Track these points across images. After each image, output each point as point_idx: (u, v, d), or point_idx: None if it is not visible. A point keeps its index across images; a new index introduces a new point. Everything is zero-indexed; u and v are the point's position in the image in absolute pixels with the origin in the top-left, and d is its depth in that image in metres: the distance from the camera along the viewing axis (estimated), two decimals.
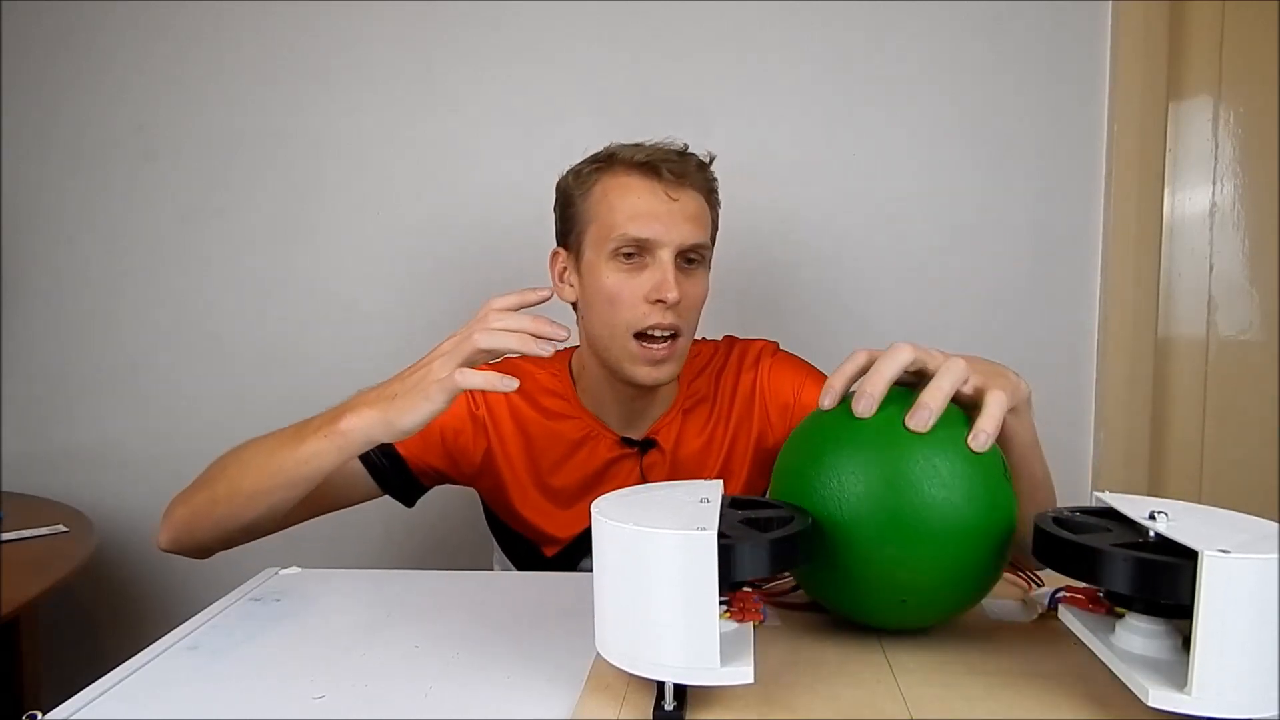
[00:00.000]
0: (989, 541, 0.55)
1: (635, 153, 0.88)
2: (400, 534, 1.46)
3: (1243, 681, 0.43)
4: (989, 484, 0.56)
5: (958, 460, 0.55)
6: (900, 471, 0.55)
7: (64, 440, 1.49)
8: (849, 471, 0.56)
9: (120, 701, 0.53)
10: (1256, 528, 0.49)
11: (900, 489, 0.54)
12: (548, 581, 0.75)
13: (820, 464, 0.57)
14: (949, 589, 0.56)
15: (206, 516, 0.79)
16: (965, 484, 0.55)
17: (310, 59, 1.43)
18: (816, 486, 0.56)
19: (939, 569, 0.55)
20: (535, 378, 0.96)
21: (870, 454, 0.56)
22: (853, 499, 0.55)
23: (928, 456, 0.55)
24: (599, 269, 0.88)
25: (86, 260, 1.47)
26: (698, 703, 0.50)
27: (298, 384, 1.45)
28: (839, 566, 0.55)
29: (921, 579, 0.55)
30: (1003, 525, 0.56)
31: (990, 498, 0.56)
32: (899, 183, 1.39)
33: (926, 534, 0.54)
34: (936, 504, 0.54)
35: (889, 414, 0.58)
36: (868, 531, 0.54)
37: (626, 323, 0.86)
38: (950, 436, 0.57)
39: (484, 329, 0.68)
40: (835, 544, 0.55)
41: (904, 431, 0.56)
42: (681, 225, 0.86)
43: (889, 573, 0.55)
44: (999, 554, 0.57)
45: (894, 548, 0.54)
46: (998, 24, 1.36)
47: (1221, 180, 1.39)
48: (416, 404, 0.68)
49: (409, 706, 0.52)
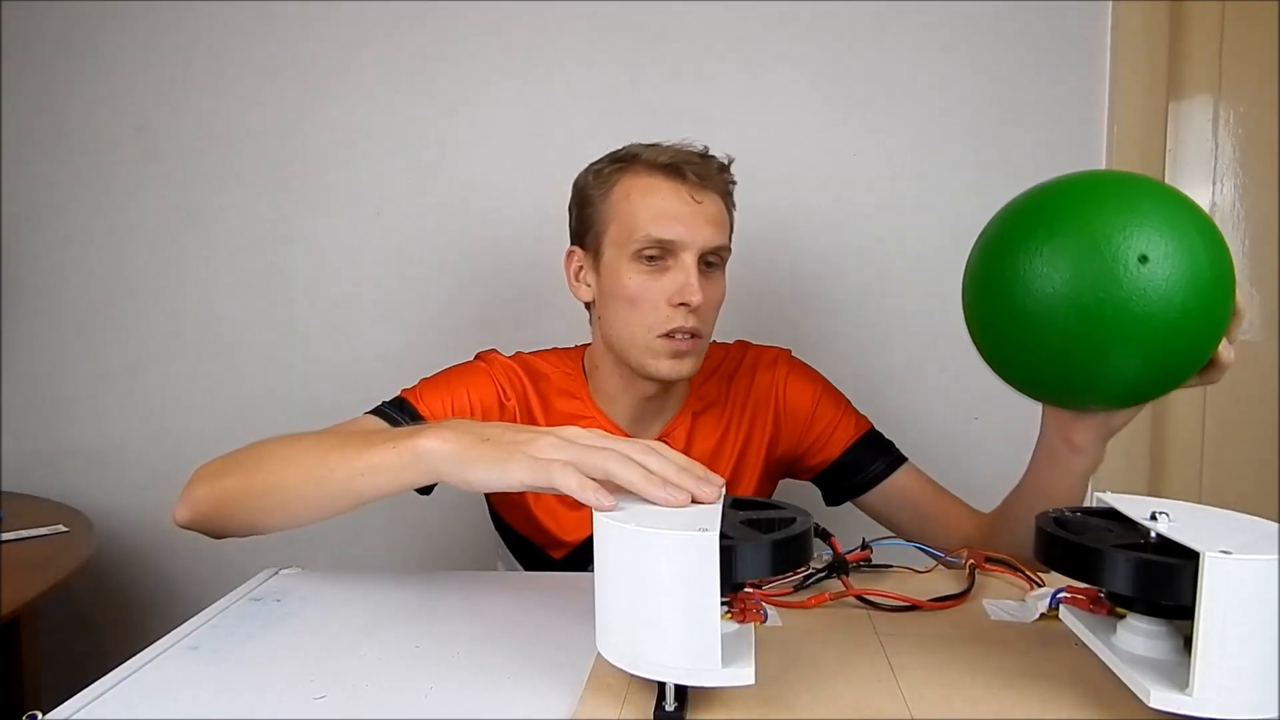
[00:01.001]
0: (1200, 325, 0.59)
1: (658, 154, 0.87)
2: (402, 534, 1.46)
3: (1244, 682, 0.43)
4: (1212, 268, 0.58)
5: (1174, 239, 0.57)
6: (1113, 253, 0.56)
7: (64, 440, 1.49)
8: (1046, 258, 0.58)
9: (120, 701, 0.53)
10: (1257, 528, 0.49)
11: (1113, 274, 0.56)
12: (548, 581, 0.75)
13: (1018, 250, 0.60)
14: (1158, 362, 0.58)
15: (236, 506, 0.73)
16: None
17: (310, 59, 1.43)
18: (1023, 268, 0.59)
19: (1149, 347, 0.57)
20: (550, 378, 0.96)
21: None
22: (1050, 287, 0.57)
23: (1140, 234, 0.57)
24: (620, 270, 0.87)
25: (86, 260, 1.47)
26: (698, 703, 0.50)
27: (298, 384, 1.45)
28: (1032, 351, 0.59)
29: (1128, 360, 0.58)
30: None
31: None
32: (899, 183, 1.39)
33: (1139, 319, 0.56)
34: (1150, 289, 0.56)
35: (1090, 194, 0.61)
36: (1060, 323, 0.57)
37: (648, 325, 0.86)
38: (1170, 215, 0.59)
39: (623, 459, 0.55)
40: (1029, 332, 0.59)
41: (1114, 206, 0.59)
42: (705, 228, 0.86)
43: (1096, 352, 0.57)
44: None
45: (1095, 336, 0.57)
46: (998, 24, 1.36)
47: (1221, 180, 1.39)
48: (497, 464, 0.58)
49: (409, 706, 0.52)
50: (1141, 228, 0.56)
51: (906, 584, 0.71)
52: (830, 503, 1.01)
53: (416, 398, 0.89)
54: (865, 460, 0.97)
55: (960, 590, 0.69)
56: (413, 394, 0.90)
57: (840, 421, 0.98)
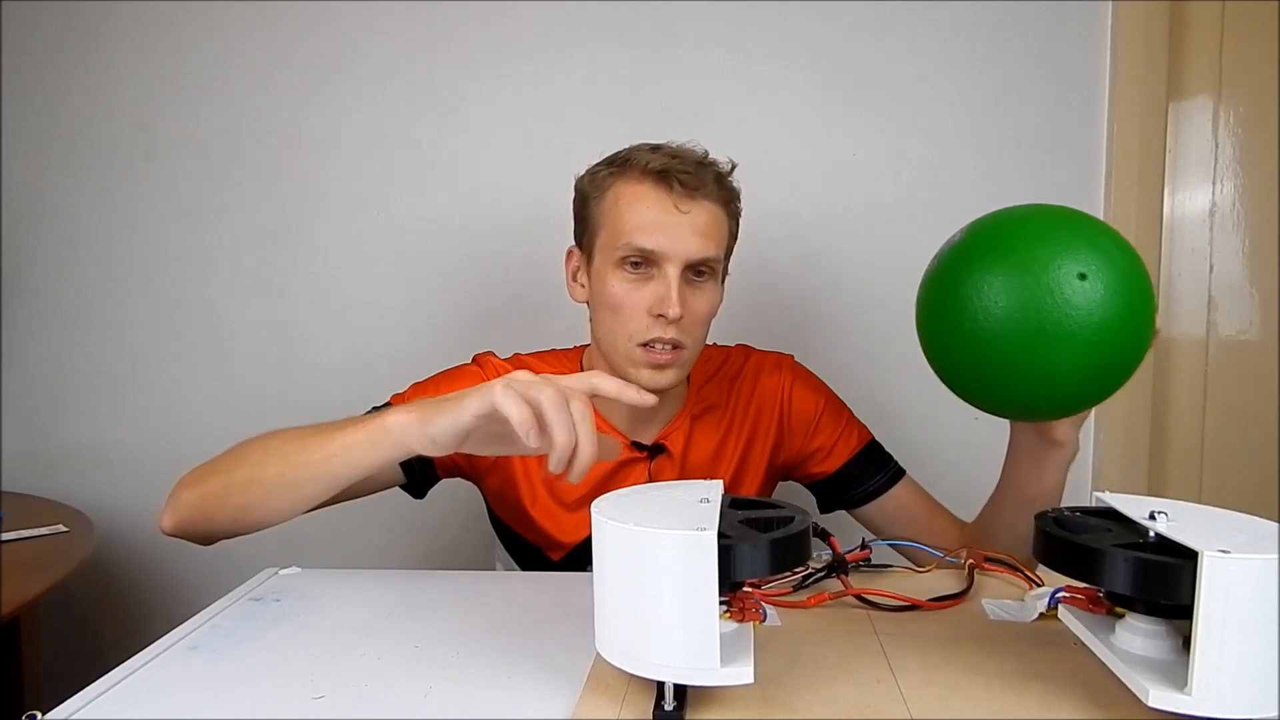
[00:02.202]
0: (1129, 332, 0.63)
1: (651, 159, 0.86)
2: (402, 535, 1.46)
3: (1243, 682, 0.43)
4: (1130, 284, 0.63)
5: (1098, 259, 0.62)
6: (1042, 280, 0.61)
7: (64, 440, 1.49)
8: (993, 284, 0.63)
9: (120, 701, 0.53)
10: (1256, 528, 0.49)
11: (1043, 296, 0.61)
12: (548, 581, 0.75)
13: (966, 280, 0.65)
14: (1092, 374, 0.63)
15: (220, 504, 0.75)
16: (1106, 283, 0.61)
17: (311, 59, 1.43)
18: (962, 301, 0.65)
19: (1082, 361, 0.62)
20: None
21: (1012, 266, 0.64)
22: (999, 310, 0.62)
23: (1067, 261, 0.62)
24: (606, 275, 0.87)
25: (86, 260, 1.47)
26: (698, 703, 0.50)
27: (298, 384, 1.45)
28: (990, 369, 0.64)
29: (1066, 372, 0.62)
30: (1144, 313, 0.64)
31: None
32: (899, 183, 1.39)
33: (1071, 334, 0.61)
34: (1080, 306, 0.61)
35: (1026, 228, 0.66)
36: (1016, 338, 0.62)
37: (629, 333, 0.86)
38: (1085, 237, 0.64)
39: (557, 401, 0.61)
40: (984, 351, 0.64)
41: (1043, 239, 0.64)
42: (690, 239, 0.84)
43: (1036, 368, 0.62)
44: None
45: (1042, 349, 0.61)
46: (998, 24, 1.36)
47: (1221, 180, 1.39)
48: (452, 411, 0.64)
49: (409, 706, 0.52)
50: (1077, 251, 0.63)
51: (906, 584, 0.71)
52: (824, 510, 1.01)
53: (403, 402, 0.89)
54: (865, 474, 0.98)
55: (959, 590, 0.69)
56: (401, 399, 0.90)
57: (843, 433, 0.98)
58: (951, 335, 0.67)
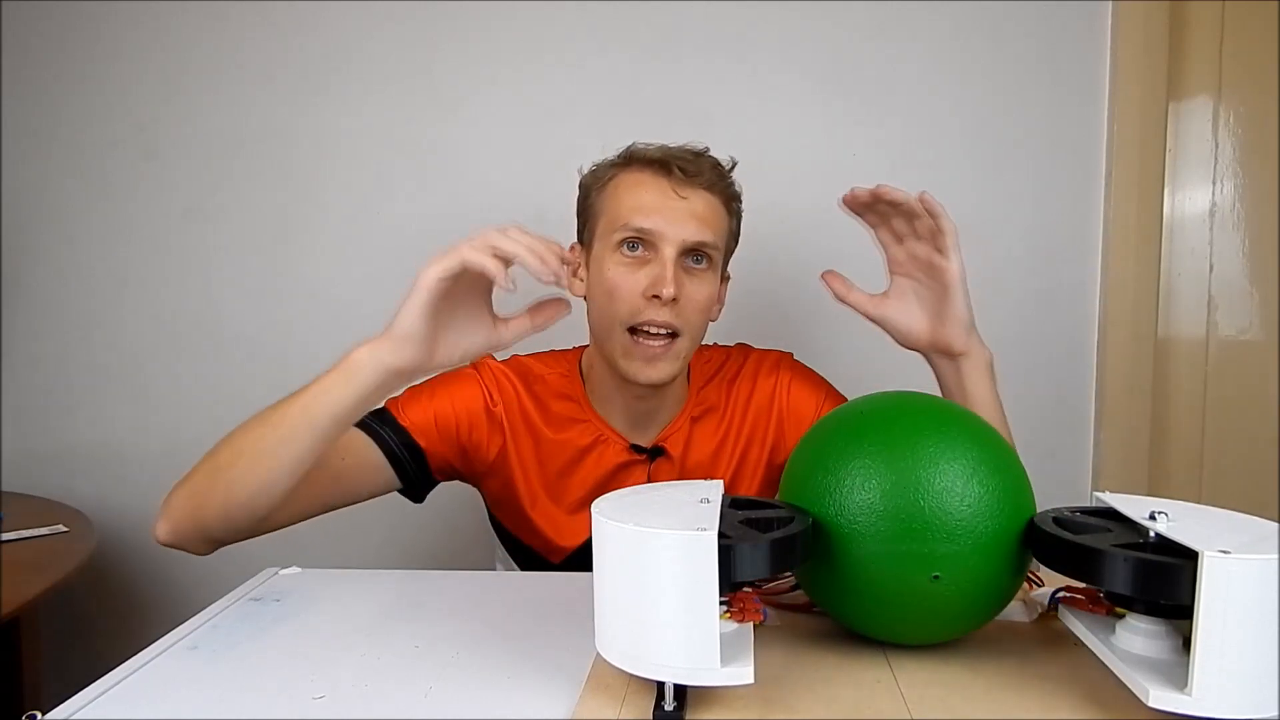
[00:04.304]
0: (1008, 545, 0.54)
1: (652, 151, 0.89)
2: (402, 535, 1.46)
3: (1243, 682, 0.43)
4: (1007, 486, 0.55)
5: (970, 462, 0.54)
6: (914, 479, 0.53)
7: (64, 440, 1.49)
8: (861, 479, 0.55)
9: (120, 702, 0.53)
10: (1256, 528, 0.49)
11: (914, 495, 0.53)
12: (548, 581, 0.75)
13: (830, 471, 0.56)
14: (965, 599, 0.54)
15: (208, 492, 0.74)
16: (980, 487, 0.53)
17: (311, 59, 1.43)
18: (825, 493, 0.56)
19: (959, 572, 0.53)
20: (546, 380, 0.95)
21: (882, 461, 0.55)
22: (865, 506, 0.54)
23: (940, 461, 0.54)
24: (603, 260, 0.88)
25: (87, 260, 1.47)
26: (698, 703, 0.50)
27: (298, 384, 1.43)
28: (848, 575, 0.54)
29: (940, 585, 0.53)
30: (1021, 528, 0.55)
31: (1011, 500, 0.55)
32: (899, 183, 1.37)
33: (944, 538, 0.52)
34: (952, 510, 0.53)
35: (899, 421, 0.58)
36: (882, 539, 0.53)
37: (622, 317, 0.86)
38: (962, 437, 0.56)
39: (496, 232, 0.70)
40: (845, 552, 0.54)
41: (915, 437, 0.55)
42: (687, 222, 0.86)
43: (901, 580, 0.53)
44: (1018, 560, 0.55)
45: (910, 550, 0.52)
46: (998, 24, 1.36)
47: (1221, 180, 1.39)
48: (405, 301, 0.70)
49: (409, 706, 0.52)
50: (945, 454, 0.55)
51: None
52: None
53: (398, 408, 0.90)
54: None
55: None
56: (395, 404, 0.90)
57: None
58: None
